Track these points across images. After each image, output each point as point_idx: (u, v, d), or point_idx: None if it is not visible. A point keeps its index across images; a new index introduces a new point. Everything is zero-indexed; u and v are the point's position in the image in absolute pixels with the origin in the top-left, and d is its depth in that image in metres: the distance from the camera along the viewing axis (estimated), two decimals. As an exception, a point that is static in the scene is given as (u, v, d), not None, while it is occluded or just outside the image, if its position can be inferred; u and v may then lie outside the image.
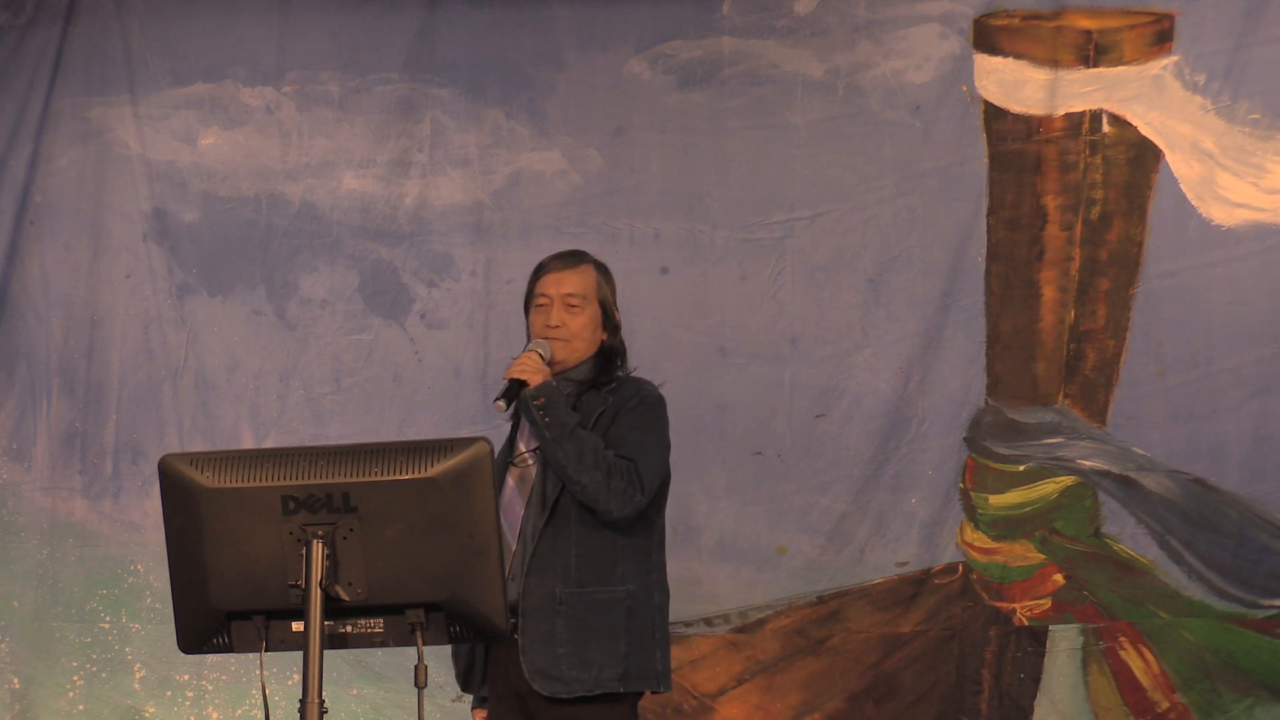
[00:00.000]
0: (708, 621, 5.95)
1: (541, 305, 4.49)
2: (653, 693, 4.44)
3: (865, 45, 6.01)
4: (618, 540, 4.38)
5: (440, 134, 6.20)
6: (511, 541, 4.37)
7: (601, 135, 6.13)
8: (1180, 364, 5.79)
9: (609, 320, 4.52)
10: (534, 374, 4.36)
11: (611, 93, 6.14)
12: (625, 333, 4.58)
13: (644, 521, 4.42)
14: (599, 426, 4.38)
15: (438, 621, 3.36)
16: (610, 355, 4.52)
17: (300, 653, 3.29)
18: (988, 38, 5.95)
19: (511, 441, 4.52)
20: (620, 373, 4.52)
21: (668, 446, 4.47)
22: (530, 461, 4.43)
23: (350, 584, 3.31)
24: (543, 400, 4.33)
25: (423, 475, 3.30)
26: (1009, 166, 5.90)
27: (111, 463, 6.23)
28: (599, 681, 4.31)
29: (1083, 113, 5.86)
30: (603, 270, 4.55)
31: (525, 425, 4.45)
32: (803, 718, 5.85)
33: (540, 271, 4.53)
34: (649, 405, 4.46)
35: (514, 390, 4.35)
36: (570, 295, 4.47)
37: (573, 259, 4.55)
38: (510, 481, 4.45)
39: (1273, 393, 5.73)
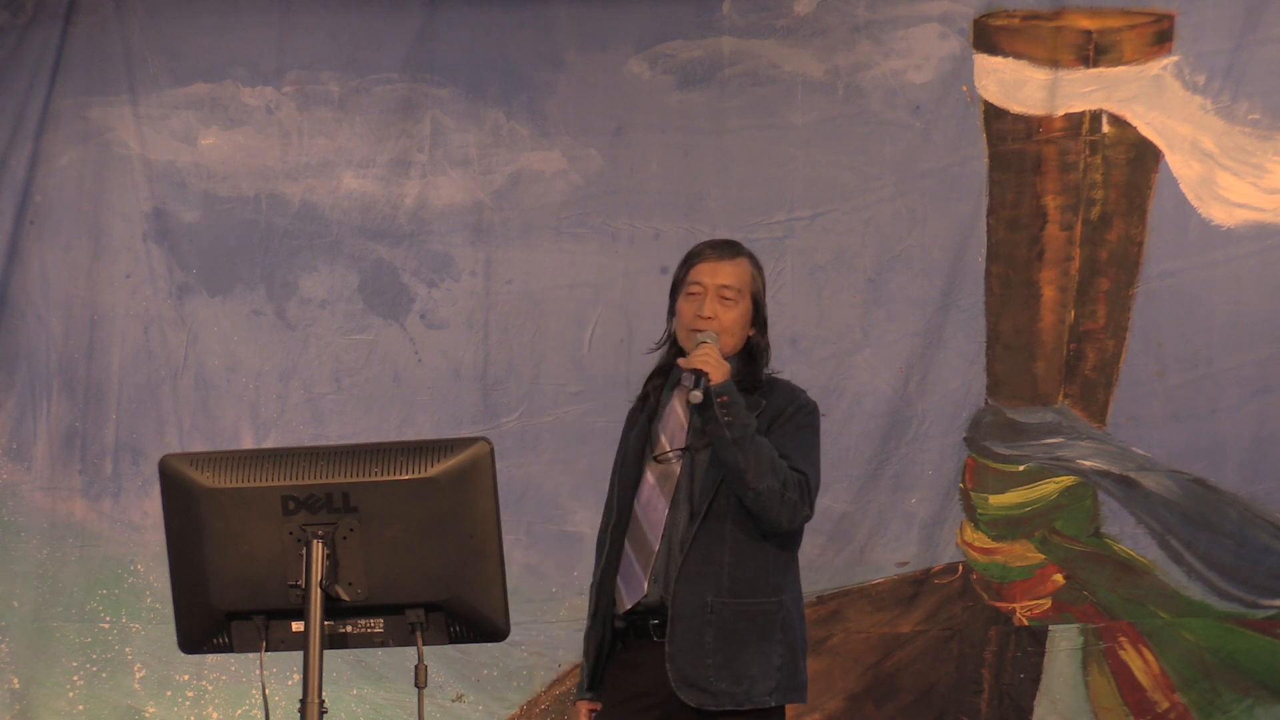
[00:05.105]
0: (708, 621, 5.94)
1: (694, 294, 4.31)
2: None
3: (865, 45, 6.01)
4: (770, 550, 4.25)
5: (440, 134, 6.19)
6: (652, 541, 4.23)
7: (601, 135, 6.13)
8: (1180, 364, 5.79)
9: (758, 316, 4.36)
10: (716, 369, 4.17)
11: (611, 93, 6.14)
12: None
13: (797, 532, 4.31)
14: None
15: (438, 621, 3.36)
16: (755, 354, 4.35)
17: (300, 653, 3.30)
18: (988, 38, 5.95)
19: (646, 433, 4.33)
20: (765, 373, 4.36)
21: None
22: (673, 459, 4.27)
23: (350, 584, 3.31)
24: (727, 399, 4.14)
25: (423, 475, 3.30)
26: (1009, 166, 5.90)
27: (111, 463, 6.23)
28: (750, 696, 4.16)
29: (1083, 113, 5.86)
30: (757, 265, 4.38)
31: (667, 418, 4.30)
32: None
33: (694, 259, 4.35)
34: (808, 414, 4.30)
35: (702, 382, 4.15)
36: (725, 287, 4.29)
37: (729, 250, 4.37)
38: (650, 479, 4.28)
39: (1273, 393, 5.73)
